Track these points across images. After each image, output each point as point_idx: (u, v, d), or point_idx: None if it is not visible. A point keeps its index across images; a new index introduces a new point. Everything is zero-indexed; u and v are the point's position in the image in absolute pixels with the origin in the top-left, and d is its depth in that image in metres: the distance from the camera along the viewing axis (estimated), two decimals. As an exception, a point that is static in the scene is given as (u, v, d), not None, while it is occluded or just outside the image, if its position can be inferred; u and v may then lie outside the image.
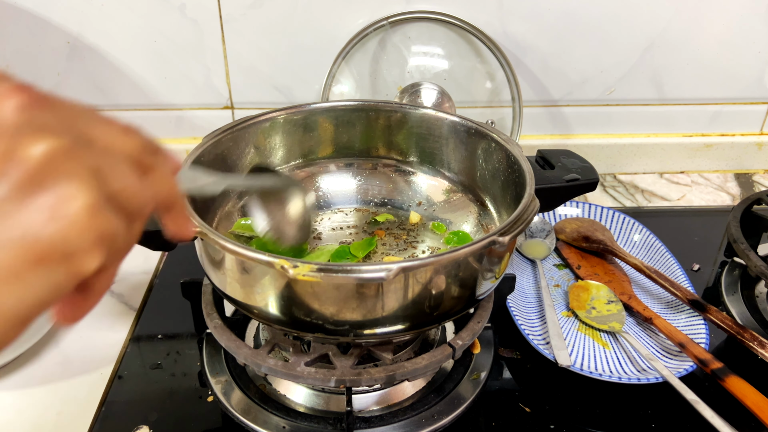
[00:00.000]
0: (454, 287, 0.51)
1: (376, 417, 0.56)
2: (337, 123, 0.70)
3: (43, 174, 0.24)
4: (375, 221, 0.69)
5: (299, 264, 0.45)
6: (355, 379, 0.52)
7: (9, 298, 0.24)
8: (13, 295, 0.24)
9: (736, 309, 0.71)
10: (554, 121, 0.95)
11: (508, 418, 0.58)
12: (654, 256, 0.75)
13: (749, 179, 0.99)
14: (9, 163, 0.24)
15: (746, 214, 0.75)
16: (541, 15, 0.86)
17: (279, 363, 0.53)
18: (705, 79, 0.93)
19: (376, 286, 0.47)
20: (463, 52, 0.88)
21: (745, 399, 0.55)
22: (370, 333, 0.50)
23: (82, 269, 0.26)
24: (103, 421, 0.57)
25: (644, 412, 0.59)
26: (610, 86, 0.93)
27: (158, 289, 0.74)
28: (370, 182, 0.72)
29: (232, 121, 0.64)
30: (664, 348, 0.64)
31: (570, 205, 0.82)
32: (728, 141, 0.98)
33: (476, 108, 0.92)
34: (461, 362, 0.61)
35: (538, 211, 0.55)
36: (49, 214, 0.24)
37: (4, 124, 0.25)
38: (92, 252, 0.26)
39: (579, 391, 0.61)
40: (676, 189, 0.96)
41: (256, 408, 0.56)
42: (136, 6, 0.83)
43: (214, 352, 0.61)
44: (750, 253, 0.69)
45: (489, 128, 0.65)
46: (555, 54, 0.89)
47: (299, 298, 0.48)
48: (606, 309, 0.68)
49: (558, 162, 0.65)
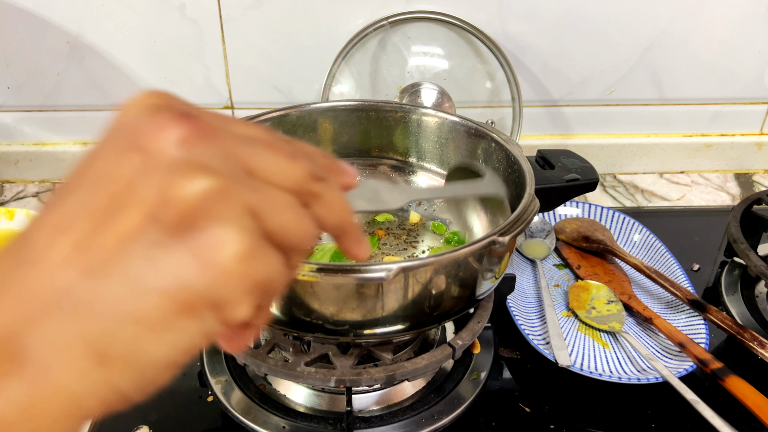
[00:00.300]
0: (454, 287, 0.51)
1: (376, 417, 0.56)
2: (337, 123, 0.70)
3: (195, 217, 0.22)
4: (375, 221, 0.69)
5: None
6: (355, 379, 0.52)
7: (157, 347, 0.23)
8: (162, 343, 0.23)
9: (736, 309, 0.71)
10: (554, 121, 0.95)
11: (508, 418, 0.58)
12: (654, 256, 0.75)
13: (749, 179, 0.99)
14: (161, 205, 0.22)
15: (746, 214, 0.75)
16: (541, 15, 0.86)
17: (279, 363, 0.53)
18: (705, 79, 0.93)
19: (376, 286, 0.47)
20: (463, 52, 0.88)
21: (745, 399, 0.55)
22: (370, 333, 0.50)
23: (233, 317, 0.24)
24: (102, 421, 0.57)
25: (644, 412, 0.59)
26: (610, 86, 0.93)
27: (158, 289, 0.74)
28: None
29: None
30: (664, 348, 0.64)
31: (570, 205, 0.82)
32: (728, 141, 0.98)
33: (476, 108, 0.92)
34: (461, 362, 0.61)
35: (538, 211, 0.55)
36: (198, 262, 0.22)
37: (161, 160, 0.23)
38: (244, 300, 0.24)
39: (579, 391, 0.61)
40: (676, 189, 0.96)
41: (256, 408, 0.56)
42: (136, 6, 0.83)
43: (213, 351, 0.61)
44: (750, 253, 0.69)
45: (489, 128, 0.65)
46: (555, 54, 0.89)
47: (299, 298, 0.48)
48: (606, 309, 0.68)
49: (558, 162, 0.65)
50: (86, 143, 0.93)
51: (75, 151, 0.92)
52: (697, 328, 0.65)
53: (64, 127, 0.92)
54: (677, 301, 0.69)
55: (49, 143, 0.93)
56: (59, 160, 0.93)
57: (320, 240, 0.66)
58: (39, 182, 0.95)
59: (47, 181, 0.95)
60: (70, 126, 0.92)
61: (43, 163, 0.93)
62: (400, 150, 0.71)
